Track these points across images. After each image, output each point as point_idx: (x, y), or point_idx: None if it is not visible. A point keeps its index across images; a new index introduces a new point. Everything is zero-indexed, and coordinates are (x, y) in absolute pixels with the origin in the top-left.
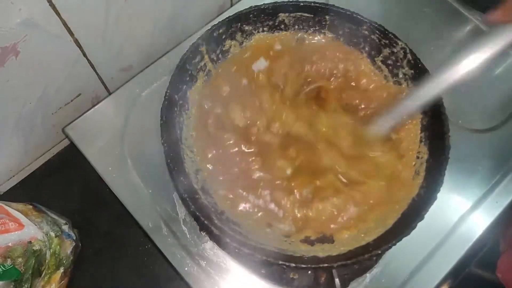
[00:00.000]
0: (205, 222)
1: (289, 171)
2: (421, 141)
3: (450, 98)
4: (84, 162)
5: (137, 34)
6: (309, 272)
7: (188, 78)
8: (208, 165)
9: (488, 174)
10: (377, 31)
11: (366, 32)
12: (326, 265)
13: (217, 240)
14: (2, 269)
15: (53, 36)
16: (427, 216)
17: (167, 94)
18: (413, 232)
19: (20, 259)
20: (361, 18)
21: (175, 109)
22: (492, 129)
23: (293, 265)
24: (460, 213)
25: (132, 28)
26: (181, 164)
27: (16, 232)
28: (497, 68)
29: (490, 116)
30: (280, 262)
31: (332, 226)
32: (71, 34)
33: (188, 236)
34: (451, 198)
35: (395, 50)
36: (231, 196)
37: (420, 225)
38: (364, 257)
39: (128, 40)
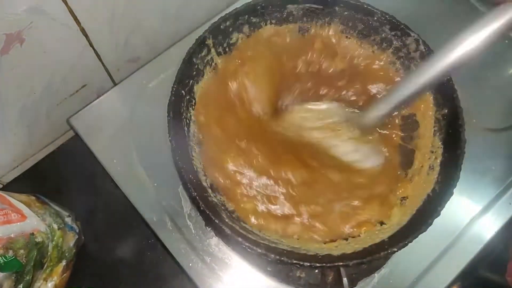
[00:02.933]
0: (216, 221)
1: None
2: (434, 135)
3: (465, 95)
4: (89, 154)
5: (145, 24)
6: (317, 270)
7: (194, 73)
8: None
9: (502, 175)
10: (388, 22)
11: (377, 24)
12: (341, 263)
13: (227, 239)
14: (3, 260)
15: (59, 25)
16: (437, 217)
17: (174, 89)
18: (422, 234)
19: (22, 251)
20: (372, 9)
21: (182, 104)
22: (507, 128)
23: (307, 264)
24: (472, 215)
25: (139, 18)
26: (189, 161)
27: (18, 223)
28: None
29: (505, 115)
30: (294, 261)
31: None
32: (78, 23)
33: (193, 231)
34: (462, 198)
35: (407, 42)
36: (240, 193)
37: (430, 226)
38: (380, 255)
39: (135, 30)
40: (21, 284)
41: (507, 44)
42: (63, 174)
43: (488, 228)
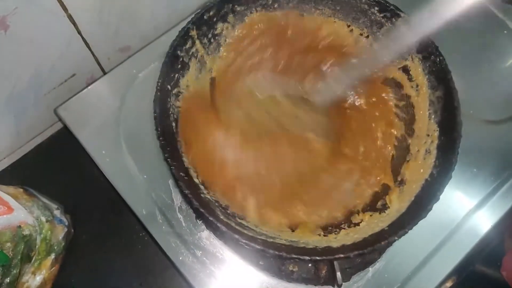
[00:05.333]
0: (211, 218)
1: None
2: (430, 118)
3: (462, 87)
4: (78, 146)
5: (136, 12)
6: (310, 264)
7: (180, 66)
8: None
9: (499, 167)
10: (376, 4)
11: (365, 6)
12: (342, 255)
13: (218, 232)
14: None
15: (45, 11)
16: (432, 210)
17: (159, 84)
18: (418, 228)
19: (8, 244)
20: None
21: (168, 100)
22: (505, 120)
23: (307, 258)
24: (468, 208)
25: (130, 5)
26: (179, 158)
27: (5, 216)
28: (511, 57)
29: (503, 107)
30: (294, 256)
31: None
32: (65, 9)
33: (183, 224)
34: (458, 192)
35: (397, 23)
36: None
37: (425, 220)
38: (381, 245)
39: (126, 18)
40: (8, 278)
41: (506, 35)
42: (52, 166)
43: (484, 222)
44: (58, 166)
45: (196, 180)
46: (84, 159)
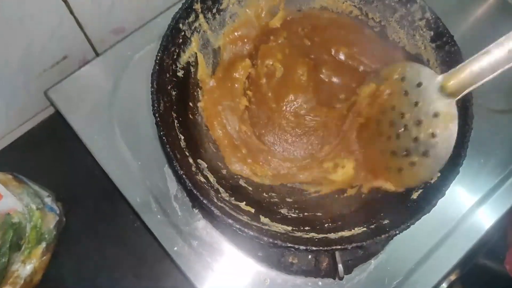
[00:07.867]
0: (204, 201)
1: None
2: None
3: None
4: (70, 131)
5: None
6: (310, 256)
7: (181, 40)
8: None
9: (506, 158)
10: None
11: None
12: (339, 247)
13: (215, 221)
14: None
15: None
16: (436, 205)
17: (158, 58)
18: (422, 220)
19: None
20: None
21: (167, 75)
22: None
23: (303, 247)
24: (472, 202)
25: None
26: (175, 136)
27: None
28: None
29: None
30: (289, 245)
31: None
32: None
33: (179, 213)
34: (464, 184)
35: (412, 9)
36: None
37: (429, 213)
38: (381, 238)
39: None
40: None
41: None
42: (43, 152)
43: (488, 216)
44: (49, 152)
45: (190, 161)
46: (76, 145)
